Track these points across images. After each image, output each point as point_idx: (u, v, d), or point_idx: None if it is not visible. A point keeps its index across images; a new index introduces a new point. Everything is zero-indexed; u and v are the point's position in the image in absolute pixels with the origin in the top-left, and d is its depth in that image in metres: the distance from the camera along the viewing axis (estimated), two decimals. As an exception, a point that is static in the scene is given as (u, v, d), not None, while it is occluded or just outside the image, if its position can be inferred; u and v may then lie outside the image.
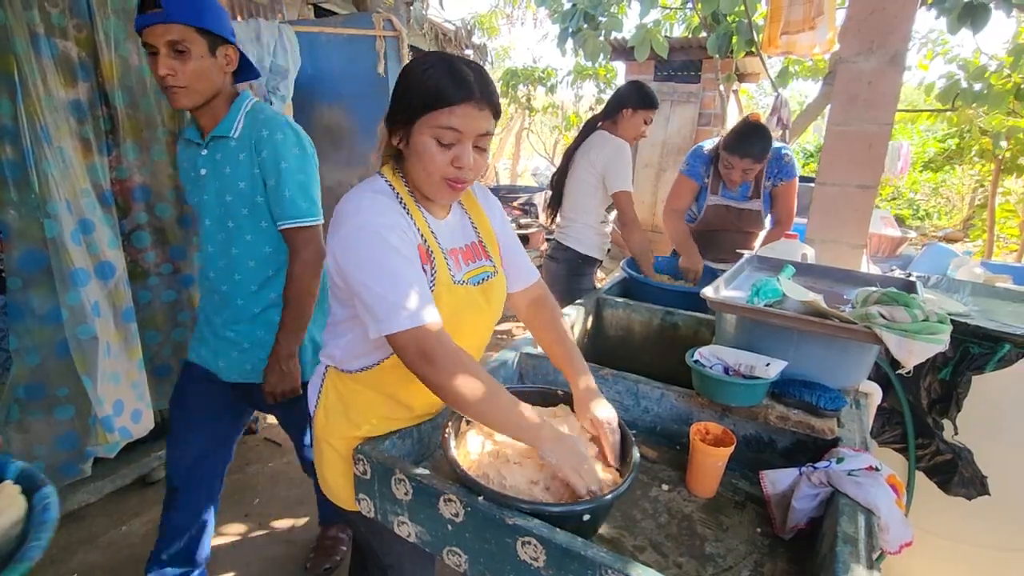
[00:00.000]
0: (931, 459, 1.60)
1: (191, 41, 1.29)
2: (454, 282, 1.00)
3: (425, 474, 0.93)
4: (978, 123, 5.32)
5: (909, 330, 1.02)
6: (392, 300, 0.88)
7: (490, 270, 1.10)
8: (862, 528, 0.85)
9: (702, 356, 1.23)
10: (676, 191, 2.36)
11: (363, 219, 0.91)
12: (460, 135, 0.92)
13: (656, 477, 1.18)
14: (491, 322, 1.11)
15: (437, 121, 0.91)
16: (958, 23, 3.15)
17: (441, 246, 1.01)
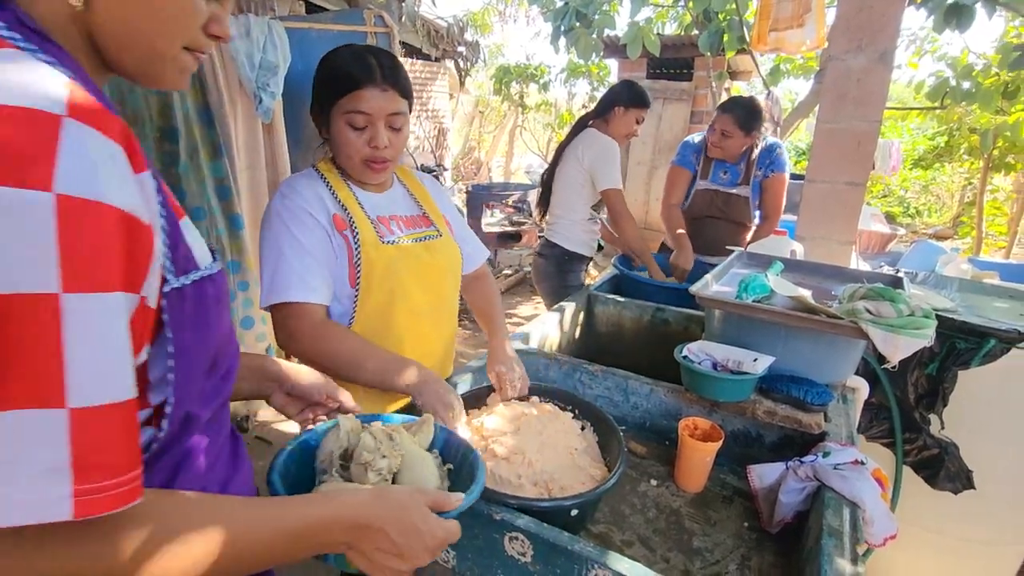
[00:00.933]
0: (918, 454, 1.62)
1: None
2: (382, 242, 1.06)
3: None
4: (967, 121, 5.37)
5: (894, 325, 1.02)
6: (268, 278, 1.00)
7: (433, 234, 1.17)
8: (847, 521, 0.86)
9: (691, 352, 1.24)
10: (671, 183, 2.42)
11: (271, 204, 1.04)
12: (370, 117, 1.00)
13: (645, 472, 1.18)
14: (441, 277, 1.17)
15: (347, 106, 0.99)
16: (943, 22, 3.18)
17: (368, 214, 1.07)
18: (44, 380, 0.34)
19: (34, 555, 0.36)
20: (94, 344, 0.35)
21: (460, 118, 10.91)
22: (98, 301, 0.36)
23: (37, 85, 0.36)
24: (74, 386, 0.35)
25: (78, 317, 0.35)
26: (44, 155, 0.34)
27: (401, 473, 0.70)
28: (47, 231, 0.33)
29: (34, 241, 0.33)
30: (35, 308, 0.33)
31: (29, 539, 0.35)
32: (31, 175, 0.33)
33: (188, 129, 2.18)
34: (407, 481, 0.70)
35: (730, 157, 2.33)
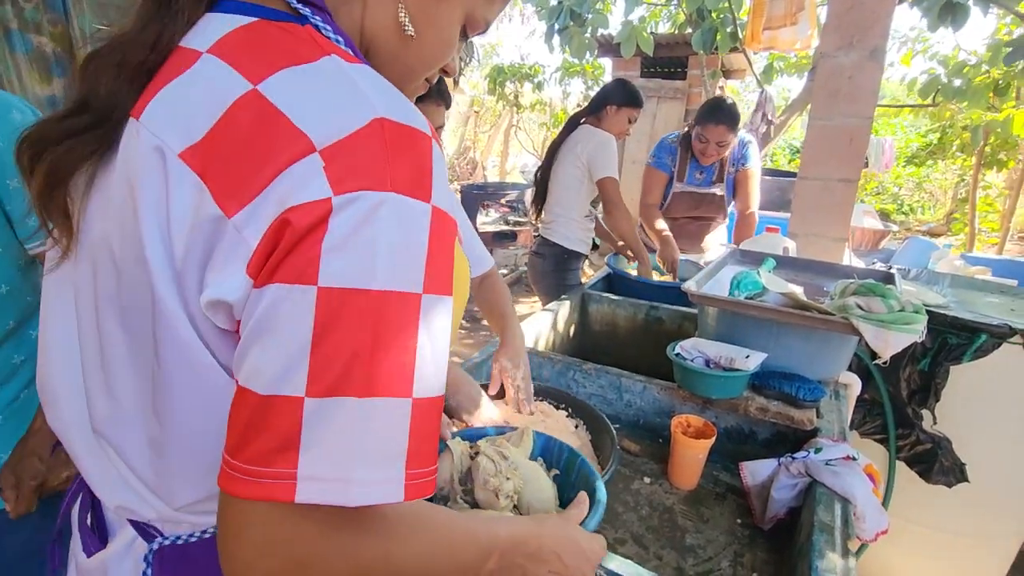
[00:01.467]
0: (911, 449, 1.62)
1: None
2: None
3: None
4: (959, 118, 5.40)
5: (885, 321, 1.03)
6: None
7: None
8: (838, 517, 0.86)
9: (683, 349, 1.24)
10: (648, 185, 2.45)
11: None
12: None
13: (638, 470, 1.18)
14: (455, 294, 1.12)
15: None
16: (938, 21, 3.19)
17: None
18: (402, 372, 0.36)
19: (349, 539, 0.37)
20: (434, 341, 0.39)
21: (455, 118, 10.90)
22: (441, 303, 0.39)
23: (409, 105, 0.40)
24: (419, 379, 0.37)
25: (429, 316, 0.38)
26: (429, 171, 0.39)
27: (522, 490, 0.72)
28: (424, 238, 0.38)
29: (418, 247, 0.37)
30: (406, 305, 0.37)
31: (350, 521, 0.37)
32: (424, 188, 0.38)
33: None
34: (528, 496, 0.71)
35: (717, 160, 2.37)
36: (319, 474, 0.34)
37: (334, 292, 0.35)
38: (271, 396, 0.34)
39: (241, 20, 0.42)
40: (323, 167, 0.35)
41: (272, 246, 0.36)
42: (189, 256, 0.38)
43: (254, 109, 0.37)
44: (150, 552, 0.46)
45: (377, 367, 0.35)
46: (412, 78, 0.53)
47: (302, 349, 0.34)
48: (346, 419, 0.35)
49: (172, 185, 0.38)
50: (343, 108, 0.37)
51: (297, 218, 0.35)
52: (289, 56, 0.40)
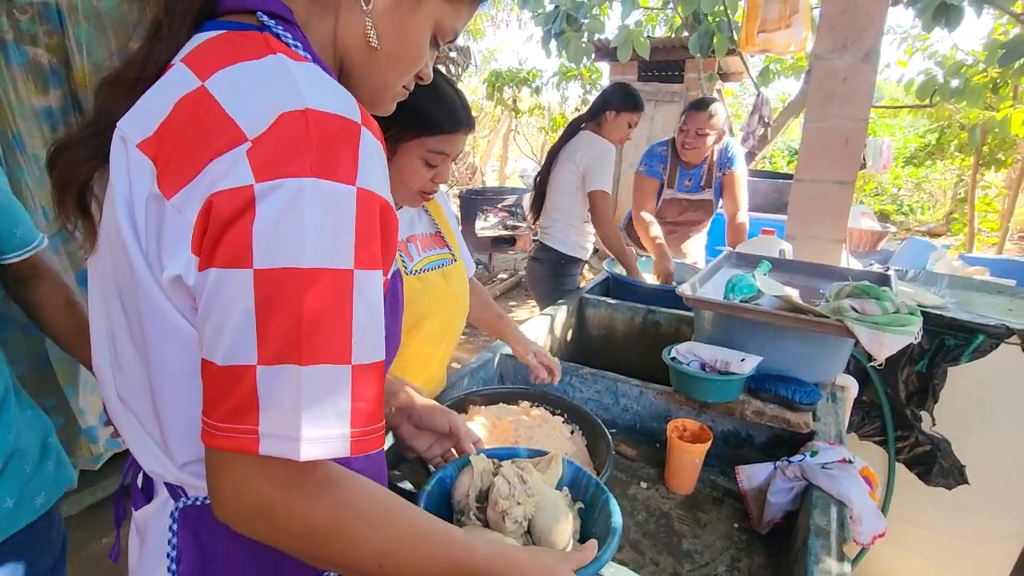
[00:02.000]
0: (911, 451, 1.62)
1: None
2: (406, 271, 1.04)
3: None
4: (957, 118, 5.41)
5: (879, 323, 1.02)
6: None
7: (448, 258, 1.15)
8: (834, 520, 0.86)
9: (679, 353, 1.23)
10: (640, 193, 2.46)
11: None
12: (447, 157, 0.98)
13: (635, 475, 1.18)
14: (455, 304, 1.15)
15: (434, 146, 0.95)
16: (932, 21, 3.19)
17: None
18: (339, 341, 0.40)
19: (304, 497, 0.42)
20: (369, 312, 0.42)
21: (454, 123, 10.90)
22: (372, 277, 0.43)
23: (343, 96, 0.44)
24: (356, 347, 0.41)
25: (362, 289, 0.42)
26: (351, 156, 0.42)
27: (535, 517, 0.70)
28: (351, 218, 0.41)
29: (346, 226, 0.41)
30: (339, 281, 0.40)
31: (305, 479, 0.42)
32: (347, 172, 0.41)
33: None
34: (542, 524, 0.70)
35: (701, 156, 2.41)
36: (276, 432, 0.39)
37: (269, 273, 0.39)
38: (228, 366, 0.39)
39: (212, 34, 0.47)
40: (247, 154, 0.39)
41: (204, 227, 0.40)
42: (148, 235, 0.44)
43: (197, 102, 0.42)
44: (176, 510, 0.52)
45: (316, 337, 0.39)
46: (387, 87, 0.57)
47: (247, 323, 0.39)
48: (293, 384, 0.39)
49: (133, 172, 0.44)
50: (272, 99, 0.41)
51: (221, 202, 0.39)
52: (236, 55, 0.44)
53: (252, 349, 0.39)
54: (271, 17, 0.48)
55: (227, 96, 0.42)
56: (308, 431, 0.39)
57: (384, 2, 0.51)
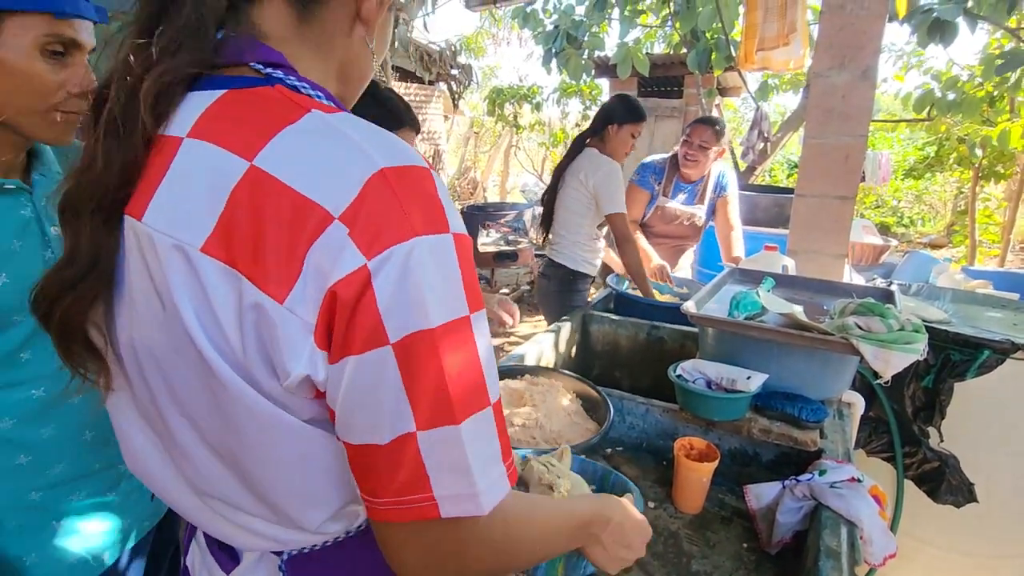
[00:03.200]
0: (919, 467, 1.60)
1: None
2: None
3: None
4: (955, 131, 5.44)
5: (885, 340, 1.03)
6: None
7: None
8: (844, 541, 0.85)
9: (684, 371, 1.23)
10: (628, 201, 2.51)
11: None
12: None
13: (642, 494, 1.17)
14: None
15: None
16: (927, 37, 3.24)
17: None
18: (478, 386, 0.42)
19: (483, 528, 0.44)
20: (487, 350, 0.43)
21: (456, 139, 11.02)
22: (483, 316, 0.44)
23: (398, 143, 0.42)
24: (489, 386, 0.43)
25: (479, 331, 0.42)
26: (437, 203, 0.41)
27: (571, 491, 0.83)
28: (455, 265, 0.41)
29: (453, 275, 0.41)
30: (462, 329, 0.41)
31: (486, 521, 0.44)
32: (440, 220, 0.40)
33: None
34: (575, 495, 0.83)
35: (700, 172, 2.48)
36: (451, 493, 0.41)
37: (404, 342, 0.39)
38: (391, 441, 0.40)
39: (210, 97, 0.43)
40: (348, 234, 0.38)
41: (329, 318, 0.39)
42: (247, 343, 0.40)
43: (257, 186, 0.39)
44: (283, 562, 0.52)
45: (460, 392, 0.41)
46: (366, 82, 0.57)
47: (399, 397, 0.39)
48: (455, 443, 0.41)
49: (205, 281, 0.40)
50: (344, 167, 0.39)
51: (343, 291, 0.38)
52: (270, 122, 0.41)
53: (409, 420, 0.39)
54: (266, 65, 0.45)
55: (291, 175, 0.38)
56: (480, 483, 0.41)
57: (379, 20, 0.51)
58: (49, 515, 0.83)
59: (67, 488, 0.84)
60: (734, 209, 2.56)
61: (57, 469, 0.83)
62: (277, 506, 0.48)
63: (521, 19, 5.32)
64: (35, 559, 0.81)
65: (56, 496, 0.83)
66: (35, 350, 0.79)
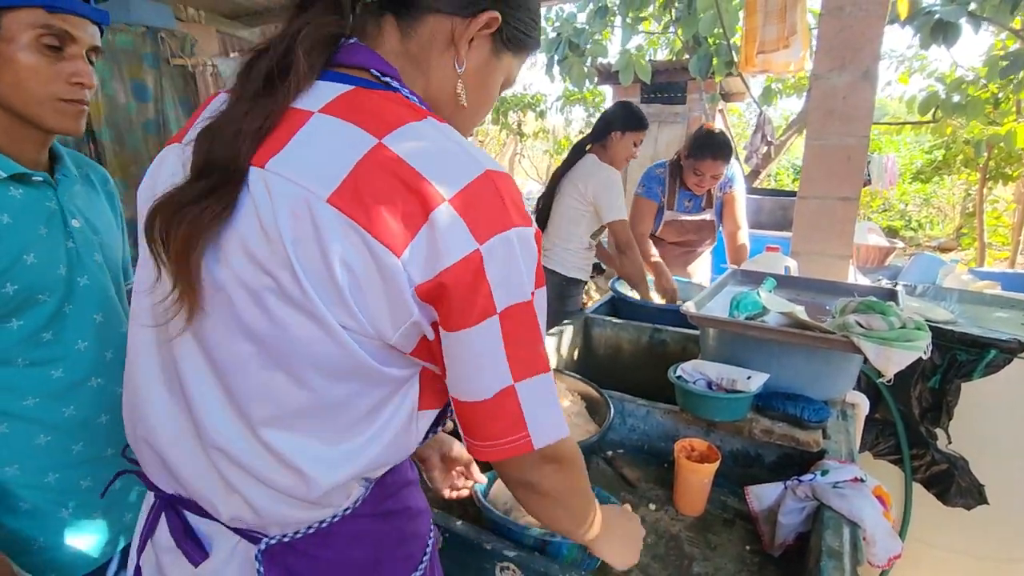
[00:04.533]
0: (927, 470, 1.58)
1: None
2: None
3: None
4: (961, 133, 5.41)
5: (886, 338, 1.01)
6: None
7: None
8: (847, 542, 0.84)
9: (685, 372, 1.23)
10: (639, 216, 2.45)
11: None
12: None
13: (643, 497, 1.16)
14: None
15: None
16: (930, 39, 3.23)
17: None
18: (543, 353, 0.52)
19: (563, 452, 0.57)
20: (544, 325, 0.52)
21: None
22: (542, 293, 0.52)
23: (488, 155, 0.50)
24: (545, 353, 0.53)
25: (540, 306, 0.51)
26: (521, 202, 0.49)
27: None
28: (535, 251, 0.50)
29: (535, 260, 0.50)
30: (540, 301, 0.51)
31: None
32: (526, 216, 0.49)
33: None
34: None
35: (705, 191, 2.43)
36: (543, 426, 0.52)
37: (508, 311, 0.48)
38: (495, 395, 0.49)
39: (342, 87, 0.50)
40: (463, 221, 0.45)
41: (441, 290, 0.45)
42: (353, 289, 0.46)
43: (384, 159, 0.45)
44: (260, 552, 0.53)
45: (542, 350, 0.52)
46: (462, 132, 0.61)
47: (500, 355, 0.49)
48: (545, 387, 0.52)
49: (323, 228, 0.44)
50: (456, 163, 0.47)
51: (461, 271, 0.45)
52: (397, 115, 0.48)
53: (507, 372, 0.49)
54: (383, 75, 0.52)
55: (413, 156, 0.45)
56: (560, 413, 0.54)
57: (473, 64, 0.56)
58: (62, 498, 0.85)
59: (81, 471, 0.87)
60: (741, 207, 2.48)
61: (75, 450, 0.86)
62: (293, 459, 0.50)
63: (523, 28, 5.36)
64: (42, 543, 0.83)
65: (70, 479, 0.86)
66: (57, 330, 0.82)
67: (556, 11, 5.25)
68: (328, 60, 0.52)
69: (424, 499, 0.69)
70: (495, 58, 0.58)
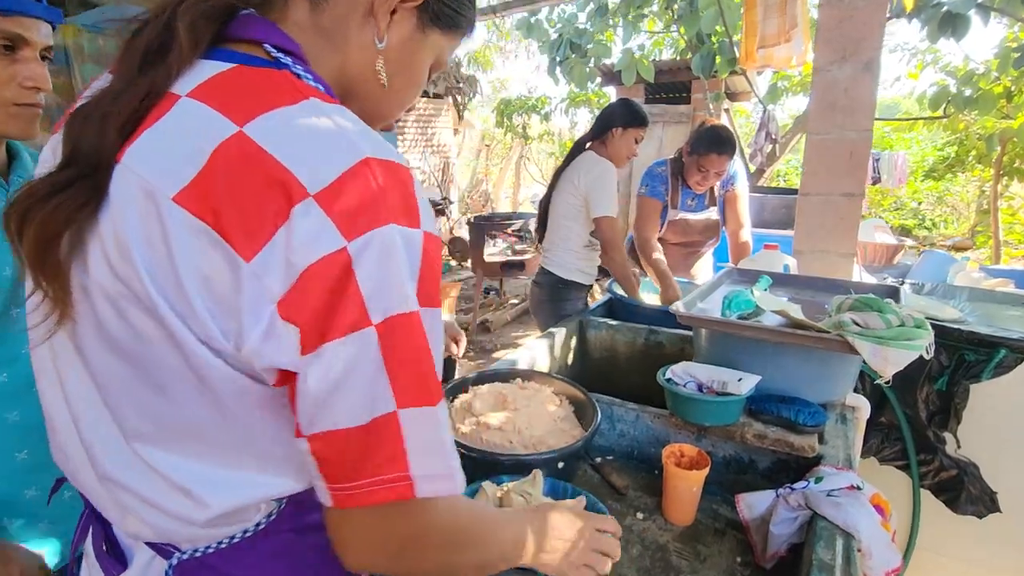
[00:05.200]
0: (936, 476, 1.51)
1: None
2: None
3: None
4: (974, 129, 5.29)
5: (883, 337, 0.96)
6: None
7: None
8: (839, 554, 0.79)
9: (675, 374, 1.18)
10: (645, 216, 2.38)
11: None
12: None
13: (631, 505, 1.11)
14: None
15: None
16: (938, 32, 3.15)
17: None
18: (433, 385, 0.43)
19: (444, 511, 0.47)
20: (436, 348, 0.44)
21: (468, 152, 11.08)
22: (432, 314, 0.44)
23: (386, 142, 0.43)
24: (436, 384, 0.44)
25: (428, 326, 0.43)
26: (414, 200, 0.42)
27: None
28: (421, 259, 0.42)
29: (412, 270, 0.41)
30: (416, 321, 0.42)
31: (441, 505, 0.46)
32: (413, 216, 0.42)
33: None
34: None
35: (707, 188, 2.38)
36: (429, 472, 0.42)
37: (388, 323, 0.40)
38: (370, 422, 0.40)
39: (221, 67, 0.44)
40: (326, 214, 0.38)
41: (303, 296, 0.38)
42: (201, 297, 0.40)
43: (242, 151, 0.39)
44: (170, 567, 0.49)
45: (432, 381, 0.43)
46: (387, 116, 0.57)
47: (379, 375, 0.40)
48: (433, 423, 0.43)
49: (171, 230, 0.39)
50: (330, 150, 0.40)
51: (321, 271, 0.38)
52: (268, 99, 0.41)
53: (390, 396, 0.41)
54: (279, 51, 0.46)
55: (277, 146, 0.39)
56: (454, 462, 0.44)
57: (395, 39, 0.51)
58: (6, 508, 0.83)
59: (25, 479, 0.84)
60: (744, 205, 2.42)
61: (20, 457, 0.84)
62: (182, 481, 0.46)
63: (525, 30, 5.35)
64: None
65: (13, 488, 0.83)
66: (2, 333, 0.80)
67: (558, 12, 5.22)
68: (219, 35, 0.45)
69: None
70: (421, 35, 0.53)
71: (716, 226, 2.46)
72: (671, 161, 2.40)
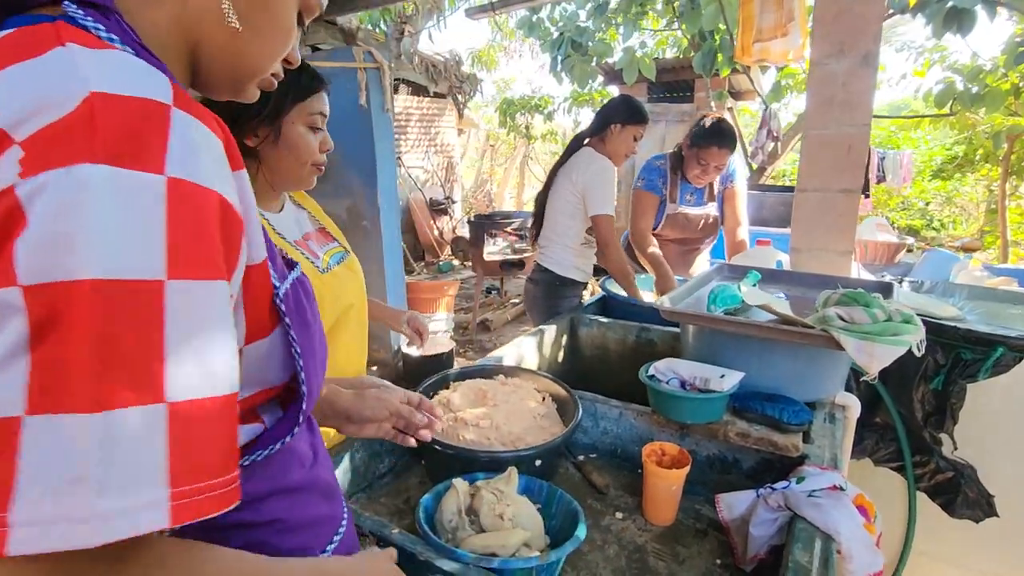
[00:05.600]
0: (931, 478, 1.47)
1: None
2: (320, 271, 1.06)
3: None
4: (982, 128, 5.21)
5: (869, 332, 0.93)
6: None
7: (341, 251, 1.17)
8: (817, 557, 0.76)
9: (657, 371, 1.15)
10: (640, 209, 2.35)
11: None
12: (324, 118, 1.01)
13: (610, 505, 1.08)
14: (364, 294, 1.21)
15: (310, 109, 0.98)
16: (943, 28, 3.10)
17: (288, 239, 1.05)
18: (145, 372, 0.31)
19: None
20: (197, 333, 0.34)
21: (472, 152, 11.07)
22: (201, 288, 0.35)
23: (146, 78, 0.36)
24: (172, 378, 0.32)
25: (185, 305, 0.33)
26: (157, 141, 0.34)
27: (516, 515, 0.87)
28: (159, 213, 0.33)
29: (152, 225, 0.32)
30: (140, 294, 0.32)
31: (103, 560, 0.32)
32: (146, 159, 0.33)
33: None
34: (521, 520, 0.86)
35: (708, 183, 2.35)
36: (39, 516, 0.28)
37: (44, 290, 0.29)
38: None
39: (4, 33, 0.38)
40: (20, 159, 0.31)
41: None
42: None
43: None
44: None
45: (110, 371, 0.30)
46: (256, 71, 0.50)
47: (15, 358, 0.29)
48: (74, 439, 0.29)
49: None
50: (39, 89, 0.33)
51: None
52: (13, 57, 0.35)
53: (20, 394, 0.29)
54: (81, 6, 0.40)
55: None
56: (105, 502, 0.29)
57: None
58: None
59: None
60: (742, 202, 2.39)
61: None
62: None
63: (527, 28, 5.33)
64: None
65: None
66: None
67: (560, 11, 5.19)
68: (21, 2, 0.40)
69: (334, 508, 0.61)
70: None
71: (715, 223, 2.42)
72: (670, 155, 2.37)
